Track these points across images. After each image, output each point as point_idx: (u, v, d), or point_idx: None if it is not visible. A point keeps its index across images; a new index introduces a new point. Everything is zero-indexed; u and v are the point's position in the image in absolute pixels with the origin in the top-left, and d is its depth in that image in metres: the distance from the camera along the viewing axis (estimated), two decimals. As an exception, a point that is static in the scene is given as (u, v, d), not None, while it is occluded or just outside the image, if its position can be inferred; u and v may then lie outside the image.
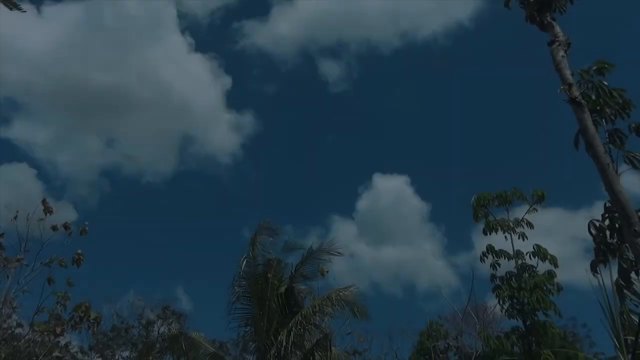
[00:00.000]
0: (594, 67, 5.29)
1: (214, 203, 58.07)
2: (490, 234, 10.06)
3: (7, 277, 17.88)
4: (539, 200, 10.20)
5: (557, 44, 5.29)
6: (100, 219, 52.67)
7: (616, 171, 4.54)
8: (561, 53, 5.28)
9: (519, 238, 10.02)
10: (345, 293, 13.90)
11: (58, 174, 53.57)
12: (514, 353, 10.13)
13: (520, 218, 10.13)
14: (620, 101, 5.01)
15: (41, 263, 18.18)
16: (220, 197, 58.40)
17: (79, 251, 17.73)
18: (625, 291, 4.71)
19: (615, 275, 5.84)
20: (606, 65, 5.21)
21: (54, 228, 18.16)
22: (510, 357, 10.45)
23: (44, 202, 17.95)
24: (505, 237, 10.08)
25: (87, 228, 18.64)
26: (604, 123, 5.16)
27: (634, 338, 4.40)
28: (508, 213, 10.24)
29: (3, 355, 17.64)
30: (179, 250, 51.99)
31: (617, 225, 5.48)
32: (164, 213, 55.79)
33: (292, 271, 14.65)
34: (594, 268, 5.76)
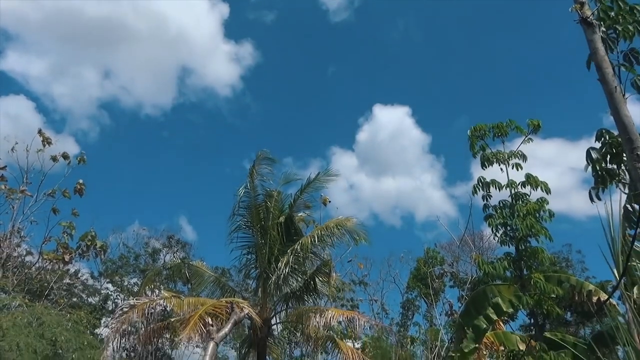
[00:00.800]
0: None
1: (214, 135, 57.86)
2: (487, 168, 9.99)
3: (12, 207, 18.24)
4: (535, 130, 10.02)
5: (572, -43, 4.89)
6: (102, 151, 52.71)
7: (624, 94, 4.40)
8: (575, -32, 4.90)
9: (512, 169, 9.96)
10: (346, 223, 14.18)
11: (57, 107, 52.90)
12: (506, 278, 10.51)
13: (515, 149, 10.02)
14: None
15: (44, 194, 18.47)
16: (220, 129, 58.10)
17: (80, 180, 17.95)
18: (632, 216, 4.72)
19: (611, 202, 5.87)
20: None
21: (54, 159, 18.22)
22: (502, 281, 10.87)
23: (40, 132, 17.84)
24: (501, 169, 10.02)
25: (85, 157, 18.73)
26: (617, 48, 4.89)
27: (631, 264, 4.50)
28: (504, 145, 10.10)
29: (16, 282, 18.36)
30: (181, 182, 52.71)
31: (614, 151, 5.42)
32: (164, 145, 55.76)
33: (292, 201, 14.87)
34: (593, 194, 5.77)
